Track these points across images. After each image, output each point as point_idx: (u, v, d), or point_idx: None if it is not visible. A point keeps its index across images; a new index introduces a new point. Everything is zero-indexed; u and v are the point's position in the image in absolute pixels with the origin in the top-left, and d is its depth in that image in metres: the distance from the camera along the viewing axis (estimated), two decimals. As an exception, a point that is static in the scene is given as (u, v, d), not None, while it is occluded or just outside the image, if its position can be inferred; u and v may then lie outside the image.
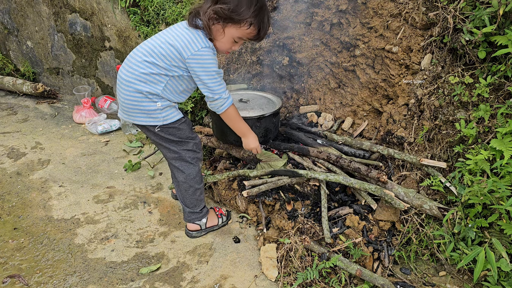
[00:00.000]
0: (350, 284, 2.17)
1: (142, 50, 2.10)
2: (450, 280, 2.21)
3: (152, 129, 2.22)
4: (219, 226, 2.74)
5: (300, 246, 2.30)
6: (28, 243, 2.56)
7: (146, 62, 2.06)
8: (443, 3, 2.50)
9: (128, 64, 2.11)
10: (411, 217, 2.42)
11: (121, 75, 2.13)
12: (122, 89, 2.14)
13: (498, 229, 2.09)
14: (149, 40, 2.13)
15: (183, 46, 2.01)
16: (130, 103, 2.14)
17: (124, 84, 2.11)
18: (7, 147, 3.80)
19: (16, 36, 5.31)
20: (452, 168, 2.46)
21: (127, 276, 2.31)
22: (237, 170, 2.94)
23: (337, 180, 2.53)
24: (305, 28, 3.58)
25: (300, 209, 2.66)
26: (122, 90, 2.14)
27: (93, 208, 2.94)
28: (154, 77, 2.08)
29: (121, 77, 2.13)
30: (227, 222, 2.80)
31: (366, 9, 3.08)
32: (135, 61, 2.08)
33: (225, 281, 2.28)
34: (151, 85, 2.09)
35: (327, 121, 3.64)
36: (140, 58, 2.07)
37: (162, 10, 3.70)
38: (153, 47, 2.07)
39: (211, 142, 3.42)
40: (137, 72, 2.07)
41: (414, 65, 2.83)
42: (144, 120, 2.19)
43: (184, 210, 2.58)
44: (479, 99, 2.33)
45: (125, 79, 2.10)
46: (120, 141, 4.04)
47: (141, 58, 2.07)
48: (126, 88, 2.11)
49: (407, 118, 2.88)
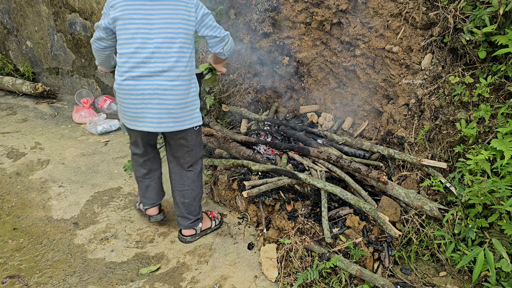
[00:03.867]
0: (351, 284, 2.17)
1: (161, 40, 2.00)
2: (450, 281, 2.20)
3: (193, 130, 2.27)
4: (212, 229, 2.71)
5: (300, 247, 2.30)
6: (27, 243, 2.56)
7: (176, 48, 2.02)
8: (443, 3, 2.50)
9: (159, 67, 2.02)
10: (412, 217, 2.41)
11: (162, 84, 2.04)
12: (167, 91, 2.05)
13: (498, 229, 2.08)
14: (155, 27, 2.00)
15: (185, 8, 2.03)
16: (181, 106, 2.12)
17: (170, 87, 2.05)
18: (6, 147, 3.80)
19: (15, 36, 5.31)
20: (453, 168, 2.45)
21: (126, 277, 2.31)
22: (241, 160, 2.97)
23: (334, 192, 2.52)
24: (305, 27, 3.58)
25: (300, 209, 2.66)
26: (169, 97, 2.06)
27: (92, 208, 2.94)
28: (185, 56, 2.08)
29: (163, 85, 2.04)
30: (220, 225, 2.76)
31: (366, 9, 3.08)
32: (165, 57, 2.02)
33: (225, 281, 2.28)
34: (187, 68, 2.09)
35: (327, 121, 3.64)
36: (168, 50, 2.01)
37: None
38: (169, 30, 2.01)
39: (211, 142, 3.42)
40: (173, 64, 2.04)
41: (414, 65, 2.82)
42: (190, 122, 2.21)
43: (187, 218, 2.51)
44: (479, 99, 2.32)
45: (170, 83, 2.05)
46: (119, 141, 4.03)
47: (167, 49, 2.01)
48: (172, 89, 2.06)
49: (407, 118, 2.88)
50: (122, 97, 2.10)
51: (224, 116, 3.92)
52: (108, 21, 2.02)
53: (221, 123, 3.85)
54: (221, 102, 3.82)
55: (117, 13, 1.99)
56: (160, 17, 2.00)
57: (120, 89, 2.08)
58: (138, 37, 1.99)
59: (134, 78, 2.03)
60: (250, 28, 3.60)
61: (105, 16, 2.05)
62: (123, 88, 2.06)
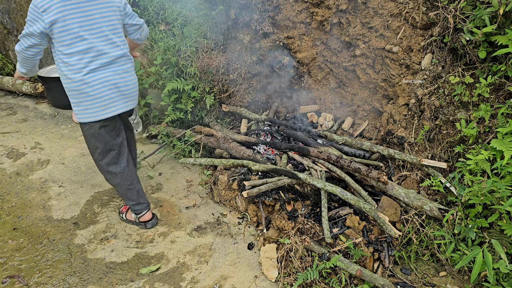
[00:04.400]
0: (351, 284, 2.17)
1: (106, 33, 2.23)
2: (450, 281, 2.20)
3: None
4: (134, 223, 2.77)
5: (300, 247, 2.30)
6: (27, 243, 2.56)
7: (117, 37, 2.29)
8: (443, 3, 2.50)
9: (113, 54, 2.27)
10: (412, 217, 2.41)
11: (119, 69, 2.30)
12: (127, 76, 2.35)
13: (498, 229, 2.08)
14: (96, 23, 2.20)
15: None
16: (135, 85, 2.44)
17: (127, 71, 2.35)
18: (6, 147, 3.80)
19: (15, 36, 5.30)
20: (453, 168, 2.45)
21: (127, 277, 2.31)
22: (241, 160, 2.97)
23: (334, 192, 2.52)
24: (305, 27, 3.58)
25: (300, 209, 2.66)
26: (127, 77, 2.35)
27: (92, 208, 2.94)
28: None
29: (119, 69, 2.31)
30: (145, 225, 2.74)
31: (366, 9, 3.08)
32: (111, 42, 2.26)
33: (225, 281, 2.28)
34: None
35: (327, 121, 3.64)
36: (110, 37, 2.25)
37: (162, 9, 3.69)
38: (108, 24, 2.23)
39: (211, 142, 3.42)
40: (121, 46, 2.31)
41: (414, 65, 2.82)
42: (137, 99, 2.51)
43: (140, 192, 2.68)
44: (479, 99, 2.32)
45: (125, 64, 2.34)
46: (120, 141, 4.03)
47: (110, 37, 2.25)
48: (129, 73, 2.37)
49: (407, 118, 2.88)
50: (87, 90, 2.21)
51: (224, 116, 3.93)
52: (43, 26, 2.06)
53: (221, 123, 3.85)
54: (221, 102, 3.82)
55: (53, 16, 2.05)
56: (99, 12, 2.19)
57: (83, 84, 2.20)
58: (84, 35, 2.15)
59: (94, 71, 2.20)
60: (250, 28, 3.60)
61: (36, 22, 2.06)
62: (86, 82, 2.20)
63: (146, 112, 4.23)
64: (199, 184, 3.22)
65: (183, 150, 3.58)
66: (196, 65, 3.58)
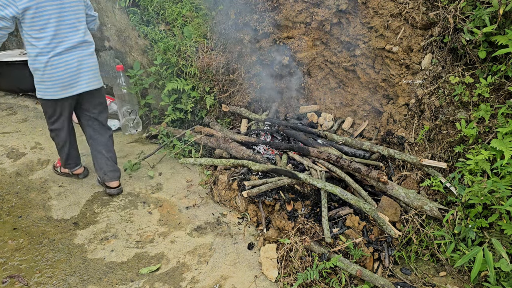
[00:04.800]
0: (351, 284, 2.17)
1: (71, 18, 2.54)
2: (450, 281, 2.20)
3: (103, 89, 2.92)
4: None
5: (300, 247, 2.30)
6: (27, 243, 2.56)
7: (81, 23, 2.62)
8: (443, 3, 2.50)
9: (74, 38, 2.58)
10: (412, 217, 2.41)
11: (82, 52, 2.65)
12: (89, 58, 2.70)
13: (498, 229, 2.08)
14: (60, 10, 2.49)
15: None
16: (96, 68, 2.77)
17: (89, 54, 2.70)
18: (6, 147, 3.80)
19: (15, 36, 5.31)
20: (453, 168, 2.45)
21: (127, 277, 2.31)
22: (241, 160, 2.97)
23: (334, 192, 2.52)
24: (305, 27, 3.58)
25: (300, 209, 2.66)
26: (89, 60, 2.70)
27: (92, 208, 2.94)
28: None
29: (83, 52, 2.65)
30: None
31: (366, 9, 3.08)
32: (75, 27, 2.58)
33: (225, 281, 2.28)
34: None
35: (327, 121, 3.64)
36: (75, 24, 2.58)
37: (162, 9, 3.69)
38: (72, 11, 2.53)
39: (211, 142, 3.42)
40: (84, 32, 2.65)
41: (414, 65, 2.82)
42: (100, 81, 2.86)
43: (117, 170, 3.06)
44: (479, 99, 2.32)
45: (88, 49, 2.69)
46: (119, 141, 4.03)
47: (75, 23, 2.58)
48: (92, 57, 2.72)
49: (407, 118, 2.88)
50: (51, 71, 2.54)
51: (224, 116, 3.93)
52: (16, 11, 2.31)
53: (221, 123, 3.85)
54: (221, 102, 3.82)
55: (26, 4, 2.31)
56: (68, 1, 2.49)
57: (48, 65, 2.52)
58: (53, 21, 2.45)
59: (60, 54, 2.53)
60: (250, 28, 3.60)
61: (8, 7, 2.29)
62: (51, 63, 2.52)
63: (146, 112, 4.23)
64: (199, 184, 3.22)
65: (183, 150, 3.58)
66: (196, 65, 3.58)
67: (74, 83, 2.64)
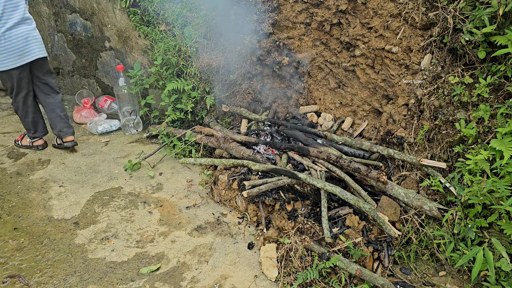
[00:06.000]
0: (350, 284, 2.17)
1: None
2: (450, 280, 2.21)
3: (47, 58, 3.45)
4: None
5: (300, 246, 2.31)
6: (28, 243, 2.56)
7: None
8: (443, 3, 2.51)
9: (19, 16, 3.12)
10: (411, 217, 2.42)
11: (27, 27, 3.18)
12: (33, 32, 3.23)
13: (498, 229, 2.09)
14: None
15: None
16: (40, 39, 3.29)
17: (33, 29, 3.24)
18: (7, 147, 3.80)
19: None
20: (452, 168, 2.46)
21: (127, 276, 2.31)
22: (241, 160, 2.98)
23: (334, 192, 2.53)
24: (305, 28, 3.59)
25: (300, 209, 2.66)
26: (34, 33, 3.23)
27: (93, 208, 2.95)
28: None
29: (27, 27, 3.18)
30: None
31: (366, 9, 3.09)
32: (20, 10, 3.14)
33: (225, 281, 2.28)
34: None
35: (327, 121, 3.65)
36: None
37: (162, 10, 3.70)
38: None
39: (211, 142, 3.43)
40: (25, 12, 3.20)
41: (414, 65, 2.83)
42: (45, 50, 3.38)
43: (70, 125, 3.65)
44: (479, 99, 2.33)
45: (31, 24, 3.24)
46: (120, 141, 4.04)
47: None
48: (35, 31, 3.26)
49: (407, 118, 2.88)
50: (5, 44, 3.07)
51: (224, 116, 3.93)
52: None
53: (221, 123, 3.86)
54: (221, 102, 3.83)
55: None
56: None
57: (2, 39, 3.04)
58: (2, 1, 3.01)
59: (10, 28, 3.07)
60: (250, 28, 3.60)
61: None
62: (4, 37, 3.06)
63: (146, 112, 4.23)
64: (199, 184, 3.23)
65: (183, 150, 3.58)
66: (196, 65, 3.58)
67: (26, 52, 3.17)
